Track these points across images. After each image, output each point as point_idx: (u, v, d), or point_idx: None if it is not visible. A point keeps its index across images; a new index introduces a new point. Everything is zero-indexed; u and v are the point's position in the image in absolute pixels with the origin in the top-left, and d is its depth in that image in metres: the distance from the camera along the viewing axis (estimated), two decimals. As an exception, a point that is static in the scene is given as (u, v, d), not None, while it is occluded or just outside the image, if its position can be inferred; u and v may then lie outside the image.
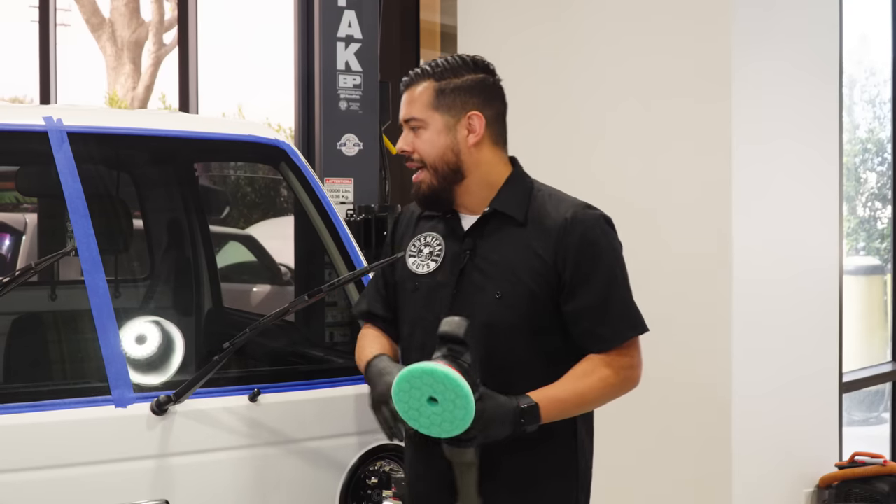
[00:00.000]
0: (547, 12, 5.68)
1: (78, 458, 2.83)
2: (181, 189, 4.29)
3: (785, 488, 5.49)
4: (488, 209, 2.74)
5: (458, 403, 2.41)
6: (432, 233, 2.82)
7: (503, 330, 2.66)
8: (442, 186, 2.73)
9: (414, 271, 2.80)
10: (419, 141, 2.72)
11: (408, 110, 2.74)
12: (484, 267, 2.71)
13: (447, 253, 2.77)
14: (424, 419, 2.46)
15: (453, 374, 2.41)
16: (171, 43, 15.33)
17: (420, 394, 2.44)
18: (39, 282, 4.58)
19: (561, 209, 2.72)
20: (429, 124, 2.72)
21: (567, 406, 2.64)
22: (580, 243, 2.66)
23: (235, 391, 3.04)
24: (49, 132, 3.14)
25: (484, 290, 2.69)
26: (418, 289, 2.78)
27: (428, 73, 2.73)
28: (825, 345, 5.79)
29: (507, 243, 2.71)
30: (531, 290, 2.66)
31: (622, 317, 2.69)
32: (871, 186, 8.05)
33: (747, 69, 5.10)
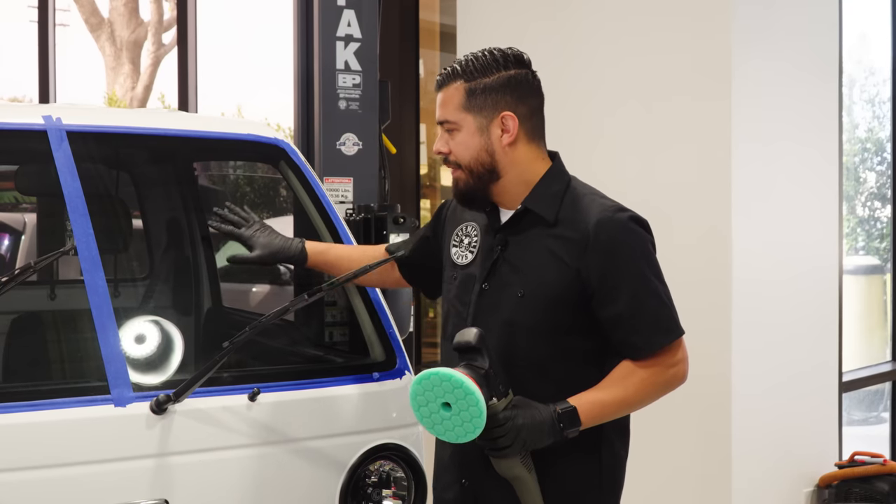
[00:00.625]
0: (546, 12, 5.68)
1: (77, 458, 2.83)
2: (181, 188, 4.28)
3: (785, 487, 5.50)
4: (520, 207, 2.72)
5: (471, 409, 2.41)
6: (473, 223, 2.83)
7: (522, 329, 2.64)
8: (477, 186, 2.71)
9: (455, 261, 2.82)
10: (454, 143, 2.70)
11: (441, 112, 2.72)
12: (513, 264, 2.69)
13: (482, 245, 2.77)
14: (439, 425, 2.46)
15: (461, 378, 2.40)
16: (170, 43, 15.32)
17: (434, 398, 2.44)
18: (39, 281, 4.58)
19: (590, 213, 2.66)
20: (462, 126, 2.69)
21: (607, 409, 2.61)
22: (605, 252, 2.61)
23: (235, 390, 3.03)
24: (48, 131, 3.13)
25: (509, 287, 2.68)
26: (456, 278, 2.80)
27: (458, 73, 2.70)
28: (825, 344, 5.80)
29: (534, 243, 2.69)
30: (554, 292, 2.63)
31: (653, 325, 2.63)
32: (871, 186, 8.05)
33: (747, 67, 5.10)
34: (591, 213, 2.66)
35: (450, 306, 2.81)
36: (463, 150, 2.69)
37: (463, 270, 2.78)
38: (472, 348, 2.48)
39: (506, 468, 2.54)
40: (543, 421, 2.50)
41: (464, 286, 2.77)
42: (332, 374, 3.26)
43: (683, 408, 5.09)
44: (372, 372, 3.26)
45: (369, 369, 3.27)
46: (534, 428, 2.48)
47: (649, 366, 2.63)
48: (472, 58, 2.71)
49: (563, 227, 2.66)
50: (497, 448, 2.49)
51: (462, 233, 2.84)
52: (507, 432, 2.45)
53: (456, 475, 2.76)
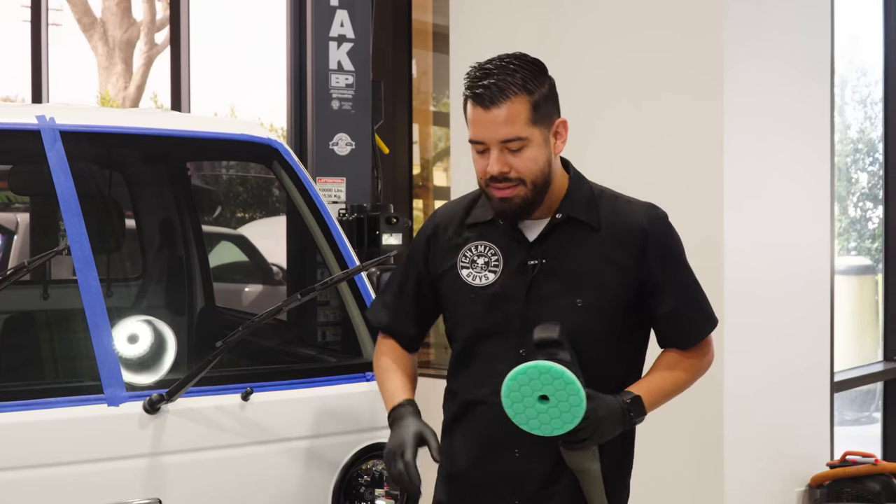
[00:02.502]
0: (539, 12, 5.68)
1: (70, 457, 2.84)
2: (174, 188, 4.29)
3: (776, 487, 5.50)
4: (560, 216, 2.65)
5: (571, 399, 2.42)
6: (483, 242, 2.70)
7: (586, 337, 2.60)
8: (535, 199, 2.60)
9: (470, 283, 2.68)
10: (520, 160, 2.56)
11: (508, 130, 2.54)
12: (559, 276, 2.63)
13: (507, 262, 2.66)
14: (534, 419, 2.45)
15: (561, 369, 2.42)
16: (162, 42, 15.31)
17: (531, 391, 2.43)
18: (32, 281, 4.58)
19: (635, 214, 2.68)
20: (532, 141, 2.57)
21: (663, 395, 2.71)
22: (662, 248, 2.66)
23: (228, 390, 3.04)
24: (42, 131, 3.14)
25: (561, 299, 2.62)
26: (475, 300, 2.68)
27: (517, 87, 2.56)
28: (816, 344, 5.80)
29: (583, 251, 2.64)
30: (615, 297, 2.63)
31: (702, 316, 2.74)
32: (863, 186, 8.07)
33: (739, 66, 5.11)
34: (635, 213, 2.69)
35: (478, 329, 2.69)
36: (532, 165, 2.57)
37: (484, 291, 2.67)
38: (556, 342, 2.48)
39: (579, 461, 2.57)
40: (616, 411, 2.55)
41: (492, 306, 2.66)
42: (325, 373, 3.28)
43: (676, 408, 5.09)
44: (365, 372, 3.27)
45: (362, 369, 3.28)
46: (610, 419, 2.53)
47: (693, 354, 2.75)
48: (518, 65, 2.61)
49: (610, 231, 2.65)
50: (578, 440, 2.51)
51: (472, 253, 2.70)
52: (589, 424, 2.49)
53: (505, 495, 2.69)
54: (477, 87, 2.57)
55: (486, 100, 2.54)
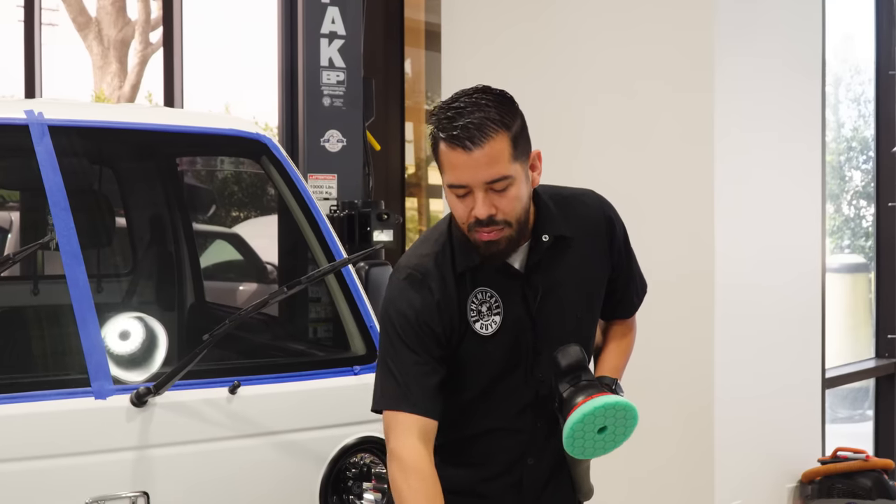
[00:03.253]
0: (529, 9, 5.70)
1: (58, 450, 2.85)
2: (163, 183, 4.30)
3: (768, 483, 5.52)
4: (547, 238, 2.58)
5: (628, 422, 2.50)
6: (480, 288, 2.59)
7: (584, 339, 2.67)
8: (519, 238, 2.53)
9: (483, 334, 2.58)
10: (505, 200, 2.45)
11: (493, 171, 2.41)
12: (557, 296, 2.62)
13: (504, 298, 2.60)
14: (590, 448, 2.52)
15: (625, 401, 2.48)
16: (157, 42, 15.29)
17: (592, 429, 2.48)
18: (22, 276, 4.59)
19: (589, 207, 2.69)
20: (515, 179, 2.45)
21: (623, 369, 2.80)
22: (620, 230, 2.73)
23: (215, 383, 3.05)
24: (30, 125, 3.15)
25: (563, 315, 2.62)
26: (492, 348, 2.59)
27: (495, 124, 2.41)
28: (808, 341, 5.82)
29: (569, 264, 2.64)
30: (601, 291, 2.71)
31: (642, 283, 2.84)
32: (856, 185, 8.09)
33: (729, 62, 5.12)
34: (588, 207, 2.70)
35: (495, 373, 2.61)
36: (517, 205, 2.48)
37: (497, 336, 2.59)
38: (582, 365, 2.54)
39: None
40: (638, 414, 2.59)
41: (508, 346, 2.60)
42: (313, 367, 3.29)
43: (667, 404, 5.11)
44: (353, 366, 3.29)
45: (350, 363, 3.29)
46: None
47: (632, 322, 2.85)
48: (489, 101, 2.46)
49: (580, 235, 2.65)
50: None
51: (476, 302, 2.60)
52: None
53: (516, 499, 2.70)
54: (453, 128, 2.41)
55: (466, 141, 2.39)
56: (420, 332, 2.54)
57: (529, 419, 2.64)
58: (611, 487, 5.25)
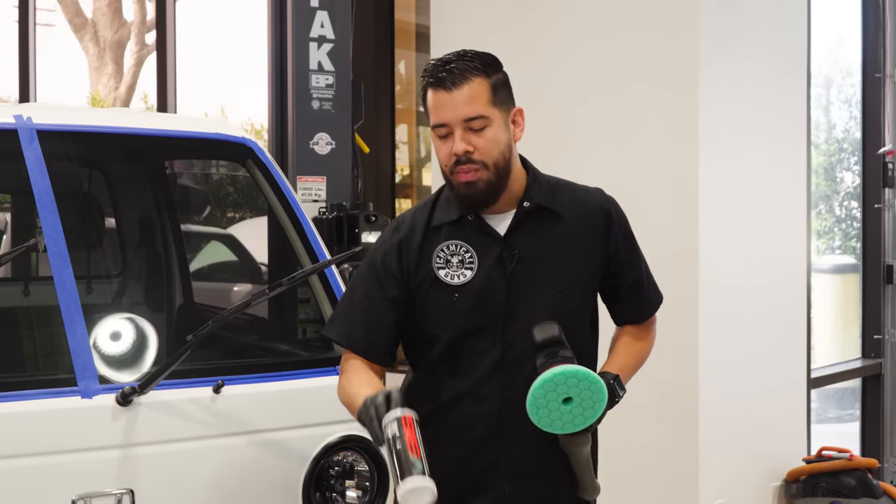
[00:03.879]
0: (518, 11, 5.74)
1: (45, 448, 2.90)
2: (151, 186, 4.35)
3: (753, 482, 5.55)
4: (528, 205, 2.71)
5: (594, 395, 2.52)
6: (453, 241, 2.73)
7: (571, 320, 2.70)
8: (498, 184, 2.66)
9: (449, 282, 2.70)
10: (482, 140, 2.62)
11: (470, 108, 2.61)
12: (534, 264, 2.71)
13: (482, 258, 2.71)
14: (558, 420, 2.54)
15: (587, 371, 2.51)
16: (153, 43, 15.28)
17: (557, 396, 2.51)
18: (14, 278, 4.65)
19: (592, 197, 2.82)
20: (492, 121, 2.64)
21: (632, 370, 2.86)
22: (623, 227, 2.81)
23: (199, 383, 3.10)
24: (19, 130, 3.20)
25: (541, 286, 2.70)
26: (458, 299, 2.70)
27: (477, 69, 2.64)
28: (794, 341, 5.85)
29: (553, 237, 2.73)
30: (591, 278, 2.78)
31: (655, 288, 2.93)
32: (848, 186, 8.13)
33: (714, 63, 5.15)
34: (591, 197, 2.82)
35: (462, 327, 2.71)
36: (494, 147, 2.64)
37: (465, 288, 2.69)
38: (559, 341, 2.57)
39: (575, 444, 2.66)
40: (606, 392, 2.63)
41: (476, 301, 2.69)
42: (296, 367, 3.33)
43: (652, 402, 5.14)
44: (335, 366, 3.31)
45: (332, 363, 3.32)
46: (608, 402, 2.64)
47: (646, 328, 2.92)
48: (474, 55, 2.68)
49: (574, 216, 2.76)
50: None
51: (445, 253, 2.72)
52: None
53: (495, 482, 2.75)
54: (438, 73, 2.64)
55: (448, 82, 2.61)
56: (380, 271, 2.74)
57: (496, 385, 2.69)
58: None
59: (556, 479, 2.75)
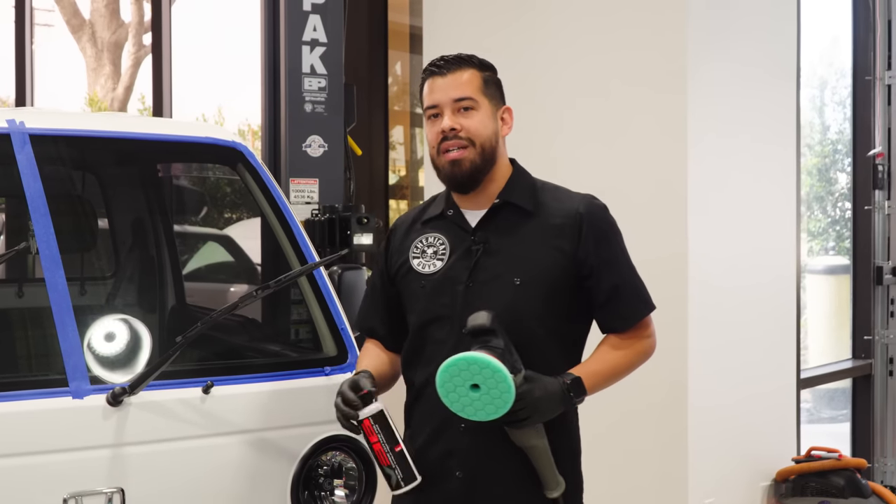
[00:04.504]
0: (511, 14, 5.78)
1: (37, 447, 2.93)
2: (143, 189, 4.39)
3: (742, 482, 5.58)
4: (498, 200, 2.86)
5: (500, 386, 2.58)
6: (432, 234, 2.92)
7: (523, 314, 2.79)
8: (483, 167, 2.83)
9: (420, 272, 2.89)
10: (470, 121, 2.82)
11: (461, 90, 2.83)
12: (499, 256, 2.83)
13: (454, 250, 2.87)
14: (467, 405, 2.61)
15: (489, 359, 2.57)
16: (150, 44, 15.27)
17: (462, 381, 2.59)
18: (8, 280, 4.69)
19: (573, 201, 2.89)
20: (481, 107, 2.84)
21: (604, 378, 2.85)
22: (598, 231, 2.85)
23: (189, 383, 3.14)
24: (11, 134, 3.24)
25: (500, 278, 2.81)
26: (425, 287, 2.87)
27: (471, 62, 2.88)
28: (783, 342, 5.88)
29: (521, 233, 2.85)
30: (553, 276, 2.82)
31: (638, 297, 2.92)
32: (841, 187, 8.15)
33: (703, 66, 5.18)
34: (572, 201, 2.90)
35: (427, 314, 2.88)
36: (481, 128, 2.83)
37: (432, 277, 2.87)
38: (487, 330, 2.65)
39: (524, 439, 2.73)
40: (555, 392, 2.71)
41: (439, 290, 2.86)
42: (285, 368, 3.36)
43: (641, 403, 5.18)
44: (324, 366, 3.37)
45: (320, 364, 3.38)
46: (548, 399, 2.70)
47: (631, 337, 2.90)
48: (470, 55, 2.91)
49: (546, 216, 2.86)
50: (518, 420, 2.68)
51: (423, 244, 2.92)
52: (527, 405, 2.66)
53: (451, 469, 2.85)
54: (435, 63, 2.88)
55: (443, 68, 2.84)
56: (380, 262, 3.03)
57: None
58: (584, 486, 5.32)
59: (509, 471, 2.82)
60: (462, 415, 2.63)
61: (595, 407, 5.18)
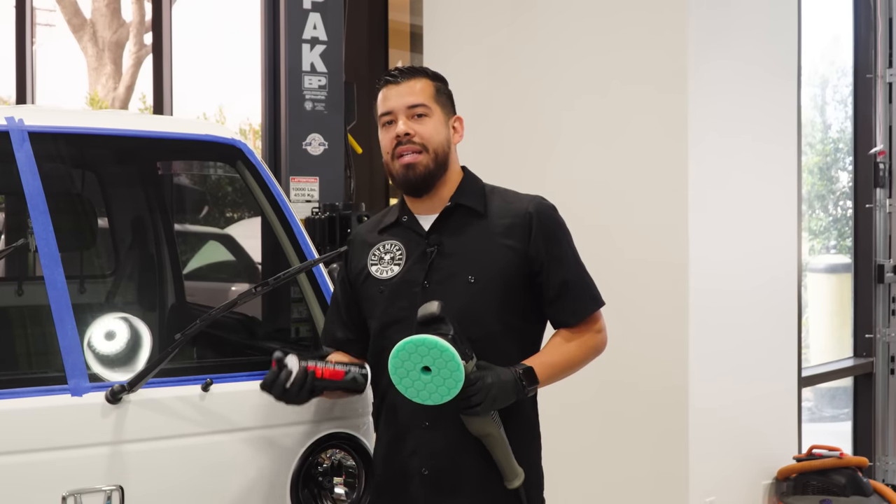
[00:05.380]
0: (511, 13, 5.78)
1: (36, 444, 2.93)
2: (143, 187, 4.38)
3: (743, 480, 5.59)
4: (450, 203, 2.97)
5: (449, 365, 2.63)
6: (389, 241, 3.02)
7: (477, 311, 2.88)
8: (435, 172, 2.94)
9: (378, 277, 2.99)
10: (423, 127, 2.94)
11: (414, 97, 2.95)
12: (453, 258, 2.92)
13: (410, 254, 2.96)
14: (421, 390, 2.67)
15: (437, 339, 2.63)
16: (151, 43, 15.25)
17: (413, 364, 2.65)
18: (7, 277, 4.69)
19: (522, 202, 2.98)
20: (433, 114, 2.96)
21: (556, 369, 2.93)
22: (547, 231, 2.93)
23: (188, 381, 3.13)
24: (10, 132, 3.24)
25: (455, 277, 2.90)
26: (384, 292, 2.97)
27: (424, 73, 3.01)
28: (784, 340, 5.88)
29: (473, 234, 2.94)
30: (506, 274, 2.90)
31: (587, 292, 3.01)
32: (843, 185, 8.15)
33: (704, 65, 5.18)
34: (522, 201, 2.99)
35: (386, 318, 2.97)
36: (434, 134, 2.94)
37: (390, 282, 2.97)
38: (437, 318, 2.71)
39: (479, 426, 2.79)
40: (508, 380, 2.79)
41: (397, 294, 2.96)
42: (284, 365, 3.35)
43: (641, 401, 5.18)
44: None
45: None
46: (501, 386, 2.77)
47: (582, 332, 2.99)
48: (424, 67, 3.06)
49: (497, 217, 2.96)
50: (471, 406, 2.74)
51: (380, 251, 3.03)
52: (479, 391, 2.73)
53: (416, 465, 2.93)
54: (389, 74, 3.02)
55: (397, 76, 2.98)
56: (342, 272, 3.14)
57: None
58: (585, 484, 5.34)
59: (472, 466, 2.89)
60: (416, 400, 2.70)
61: (596, 406, 5.21)
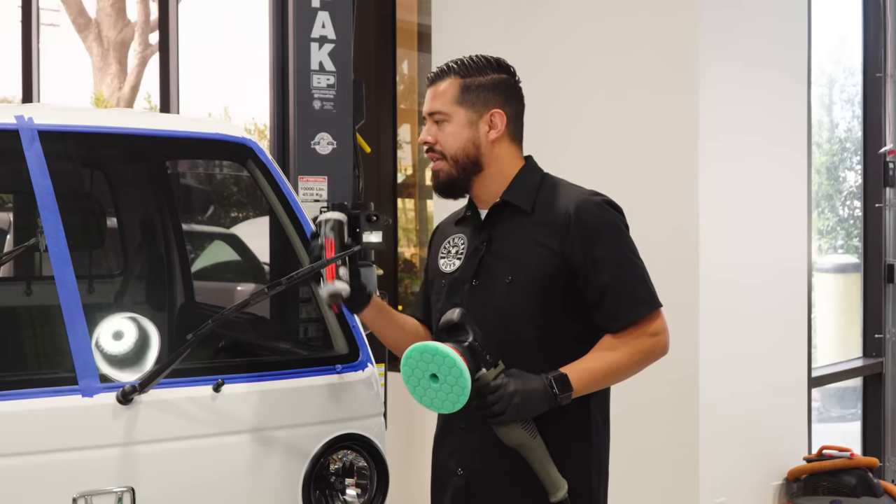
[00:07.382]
0: (520, 13, 5.76)
1: (47, 446, 2.91)
2: (152, 185, 4.37)
3: (754, 481, 5.57)
4: (498, 200, 2.91)
5: (452, 371, 2.57)
6: (460, 234, 3.00)
7: (516, 312, 2.81)
8: (460, 176, 2.90)
9: (442, 270, 2.98)
10: (442, 133, 2.89)
11: (432, 104, 2.90)
12: (499, 255, 2.88)
13: (469, 248, 2.94)
14: (433, 398, 2.62)
15: (443, 348, 2.57)
16: (156, 43, 15.25)
17: (422, 372, 2.60)
18: (15, 277, 4.67)
19: (568, 199, 2.87)
20: (452, 118, 2.88)
21: (596, 375, 2.77)
22: (586, 231, 2.80)
23: (200, 381, 3.12)
24: (20, 130, 3.22)
25: (497, 277, 2.85)
26: (444, 286, 2.96)
27: (454, 70, 2.91)
28: (794, 340, 5.87)
29: (515, 232, 2.88)
30: (540, 274, 2.81)
31: (634, 295, 2.80)
32: (850, 185, 8.13)
33: (714, 66, 5.16)
34: (568, 199, 2.87)
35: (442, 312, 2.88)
36: (451, 141, 2.88)
37: (450, 276, 2.95)
38: (457, 325, 2.66)
39: (508, 436, 2.69)
40: (536, 388, 2.66)
41: (452, 290, 2.93)
42: (296, 366, 3.34)
43: (652, 401, 5.16)
44: (335, 364, 3.35)
45: (332, 362, 3.36)
46: (527, 393, 2.64)
47: (631, 335, 2.79)
48: (467, 59, 2.93)
49: (541, 215, 2.87)
50: (493, 415, 2.65)
51: (449, 244, 3.01)
52: (500, 399, 2.62)
53: (453, 467, 2.90)
54: (428, 74, 2.97)
55: (430, 78, 2.95)
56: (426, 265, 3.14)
57: None
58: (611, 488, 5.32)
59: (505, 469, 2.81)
60: (431, 408, 2.65)
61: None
